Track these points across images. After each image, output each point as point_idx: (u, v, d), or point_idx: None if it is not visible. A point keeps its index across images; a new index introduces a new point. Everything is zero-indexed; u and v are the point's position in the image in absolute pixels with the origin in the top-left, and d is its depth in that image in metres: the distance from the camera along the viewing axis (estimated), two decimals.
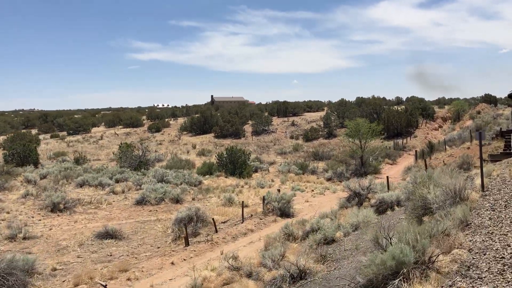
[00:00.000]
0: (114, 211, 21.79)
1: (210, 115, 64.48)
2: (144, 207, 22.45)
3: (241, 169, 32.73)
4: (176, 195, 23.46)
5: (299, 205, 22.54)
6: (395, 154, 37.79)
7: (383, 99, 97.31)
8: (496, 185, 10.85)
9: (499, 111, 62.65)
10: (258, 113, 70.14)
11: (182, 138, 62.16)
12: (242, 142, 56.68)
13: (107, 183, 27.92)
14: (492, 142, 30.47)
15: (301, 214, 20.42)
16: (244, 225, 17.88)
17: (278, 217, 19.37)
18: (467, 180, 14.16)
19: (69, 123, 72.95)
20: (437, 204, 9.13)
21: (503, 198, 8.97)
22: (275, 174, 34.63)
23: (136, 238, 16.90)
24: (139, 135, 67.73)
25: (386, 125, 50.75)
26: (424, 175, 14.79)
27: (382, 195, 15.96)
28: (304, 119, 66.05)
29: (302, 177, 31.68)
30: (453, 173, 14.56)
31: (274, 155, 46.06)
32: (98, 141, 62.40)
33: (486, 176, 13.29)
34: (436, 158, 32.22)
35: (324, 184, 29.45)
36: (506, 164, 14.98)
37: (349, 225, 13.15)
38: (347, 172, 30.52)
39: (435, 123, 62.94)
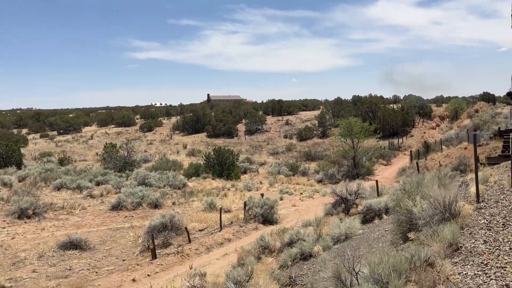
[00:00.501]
0: (87, 217, 20.41)
1: (203, 114, 63.09)
2: (120, 213, 21.08)
3: (229, 170, 31.39)
4: (154, 200, 22.08)
5: (285, 210, 21.21)
6: (390, 155, 36.46)
7: (380, 97, 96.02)
8: (493, 194, 9.51)
9: (497, 110, 61.40)
10: (252, 112, 68.76)
11: (174, 137, 60.78)
12: (235, 141, 55.34)
13: (86, 186, 26.56)
14: (490, 142, 29.14)
15: (286, 221, 19.10)
16: (221, 234, 16.53)
17: (260, 224, 18.04)
18: (461, 187, 12.84)
19: (59, 123, 71.46)
20: (423, 219, 7.79)
21: (501, 213, 7.63)
22: (264, 175, 33.29)
23: (102, 249, 15.54)
24: (131, 134, 66.32)
25: (381, 124, 49.45)
26: (413, 182, 13.49)
27: (370, 202, 14.61)
28: (299, 118, 64.68)
29: (292, 179, 30.35)
30: (446, 179, 13.24)
31: (266, 155, 44.72)
32: (87, 141, 60.99)
33: (483, 183, 11.96)
34: (432, 159, 30.90)
35: (314, 187, 28.11)
36: (504, 168, 13.64)
37: (330, 238, 11.81)
38: (339, 173, 29.17)
39: (433, 122, 61.63)
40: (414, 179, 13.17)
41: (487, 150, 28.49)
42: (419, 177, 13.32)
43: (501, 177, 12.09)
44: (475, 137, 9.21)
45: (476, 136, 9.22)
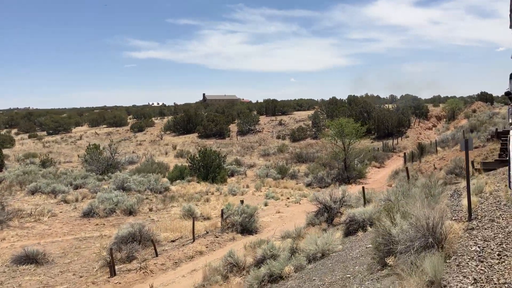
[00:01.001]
0: (55, 225, 19.03)
1: (195, 114, 61.67)
2: (91, 220, 19.70)
3: (215, 173, 30.01)
4: (129, 206, 20.69)
5: (268, 217, 19.87)
6: (383, 156, 35.14)
7: (377, 97, 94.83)
8: (488, 210, 8.18)
9: (495, 110, 60.11)
10: (246, 112, 67.40)
11: (164, 138, 59.37)
12: (226, 142, 53.98)
13: (61, 190, 25.18)
14: (487, 144, 27.91)
15: (267, 230, 17.76)
16: (193, 246, 15.17)
17: (238, 234, 16.68)
18: (453, 196, 11.50)
19: (48, 123, 69.94)
20: (402, 244, 6.46)
21: (496, 237, 6.30)
22: (252, 178, 31.94)
23: (61, 263, 14.16)
24: (121, 135, 64.89)
25: (376, 124, 48.17)
26: (398, 193, 12.15)
27: (353, 211, 13.27)
28: (293, 118, 63.33)
29: (280, 182, 29.00)
30: (436, 188, 11.90)
31: (257, 157, 43.37)
32: (76, 142, 59.52)
33: (477, 193, 10.62)
34: (426, 161, 29.61)
35: (302, 191, 26.79)
36: (501, 175, 12.31)
37: (305, 255, 10.48)
38: (329, 177, 27.83)
39: (429, 122, 60.35)
40: (399, 189, 11.83)
41: (484, 152, 27.22)
42: (404, 187, 11.97)
43: (498, 187, 10.76)
44: (467, 143, 7.87)
45: (468, 143, 7.88)
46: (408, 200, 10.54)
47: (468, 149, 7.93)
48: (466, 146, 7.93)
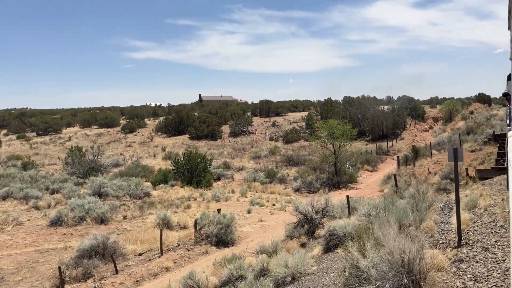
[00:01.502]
0: (18, 235, 17.63)
1: (187, 115, 60.27)
2: (58, 229, 18.31)
3: (200, 177, 28.65)
4: (101, 214, 19.31)
5: (249, 227, 18.51)
6: (377, 160, 33.81)
7: (373, 98, 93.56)
8: (482, 233, 6.84)
9: (493, 112, 58.83)
10: (239, 113, 66.06)
11: (155, 139, 57.96)
12: (218, 144, 52.61)
13: (34, 196, 23.79)
14: (484, 147, 26.59)
15: (245, 241, 16.41)
16: (160, 261, 13.80)
17: (213, 247, 15.33)
18: (443, 210, 10.16)
19: (38, 123, 68.47)
20: (373, 284, 5.13)
21: (490, 276, 4.95)
22: (239, 182, 30.58)
23: (11, 281, 12.78)
24: (111, 136, 63.46)
25: (371, 126, 46.89)
26: (379, 207, 10.81)
27: (334, 225, 11.93)
28: (287, 120, 61.99)
29: (268, 187, 27.66)
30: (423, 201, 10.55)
31: (247, 159, 41.99)
32: (65, 143, 58.06)
33: (470, 208, 9.28)
34: (420, 165, 28.28)
35: (290, 196, 25.43)
36: (498, 186, 10.97)
37: (273, 279, 9.16)
38: (318, 181, 26.49)
39: (425, 124, 59.09)
40: (384, 201, 10.47)
41: (481, 156, 25.92)
42: (386, 201, 10.62)
43: (494, 201, 9.42)
44: (456, 153, 6.55)
45: (457, 152, 6.56)
46: (391, 216, 9.21)
47: (457, 159, 6.60)
48: (455, 156, 6.60)
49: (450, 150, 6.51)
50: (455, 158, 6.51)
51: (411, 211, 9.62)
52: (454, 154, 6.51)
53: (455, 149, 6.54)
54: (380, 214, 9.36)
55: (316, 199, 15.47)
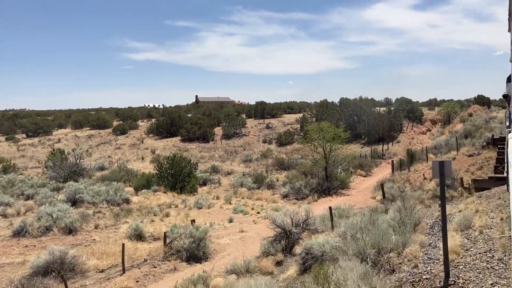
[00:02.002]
0: None
1: (179, 116, 58.87)
2: (21, 241, 16.91)
3: (184, 182, 27.26)
4: (69, 223, 17.90)
5: (227, 238, 17.11)
6: (371, 164, 32.43)
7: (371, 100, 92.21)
8: (475, 270, 5.46)
9: (492, 114, 57.51)
10: (233, 114, 64.71)
11: (146, 141, 56.58)
12: (209, 146, 51.24)
13: (5, 202, 22.39)
14: (483, 152, 25.27)
15: (220, 255, 15.03)
16: (121, 280, 12.41)
17: (183, 263, 13.94)
18: (432, 230, 8.77)
19: (28, 125, 67.06)
20: None
21: None
22: (226, 188, 29.20)
23: None
24: (102, 137, 62.07)
25: (366, 129, 45.54)
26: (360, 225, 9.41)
27: (311, 243, 10.59)
28: (282, 122, 60.62)
29: (255, 193, 26.27)
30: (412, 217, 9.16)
31: (238, 163, 40.61)
32: (54, 145, 56.65)
33: (463, 229, 7.91)
34: (415, 170, 26.93)
35: (277, 203, 24.05)
36: (496, 201, 9.57)
37: None
38: (306, 187, 25.10)
39: (423, 127, 57.74)
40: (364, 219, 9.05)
41: (479, 161, 24.58)
42: (365, 219, 9.20)
43: (491, 220, 8.03)
44: (442, 168, 5.18)
45: (443, 167, 5.19)
46: (369, 239, 7.80)
47: (443, 176, 5.23)
48: (441, 172, 5.23)
49: (434, 165, 5.14)
50: (441, 174, 5.14)
51: (394, 231, 8.25)
52: (439, 169, 5.13)
53: (440, 164, 5.17)
54: (358, 236, 7.97)
55: (297, 210, 14.11)
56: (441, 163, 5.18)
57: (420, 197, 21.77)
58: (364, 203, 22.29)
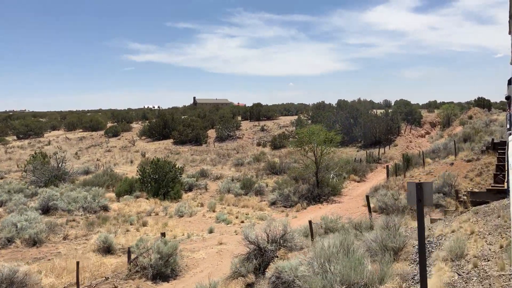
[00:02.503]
0: None
1: (172, 118, 57.54)
2: None
3: (168, 188, 25.91)
4: (33, 234, 16.55)
5: (203, 252, 15.73)
6: (365, 169, 31.04)
7: (369, 102, 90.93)
8: None
9: (493, 116, 56.20)
10: (229, 116, 63.40)
11: (138, 144, 55.24)
12: (202, 149, 49.88)
13: None
14: (482, 157, 23.90)
15: (192, 272, 13.65)
16: None
17: (148, 282, 12.56)
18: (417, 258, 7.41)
19: (18, 126, 65.78)
20: None
21: None
22: (213, 193, 27.83)
23: None
24: (94, 140, 60.75)
25: (363, 131, 44.17)
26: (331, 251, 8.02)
27: (283, 265, 9.23)
28: (277, 124, 59.27)
29: (242, 200, 24.92)
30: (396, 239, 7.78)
31: (229, 166, 39.24)
32: (43, 147, 55.34)
33: (453, 258, 6.54)
34: (411, 176, 25.50)
35: (263, 211, 22.69)
36: (495, 220, 8.18)
37: None
38: (295, 194, 23.73)
39: (422, 129, 56.34)
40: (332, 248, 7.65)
41: (478, 167, 23.20)
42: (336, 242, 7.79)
43: (489, 246, 6.65)
44: (420, 192, 3.83)
45: (421, 191, 3.83)
46: (338, 271, 6.43)
47: (422, 202, 3.87)
48: (419, 197, 3.87)
49: (410, 187, 3.79)
50: (418, 200, 3.78)
51: (372, 257, 6.88)
52: (417, 194, 3.76)
53: (418, 186, 3.81)
54: (326, 266, 6.59)
55: (275, 224, 12.73)
56: (419, 185, 3.86)
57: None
58: (355, 212, 20.92)
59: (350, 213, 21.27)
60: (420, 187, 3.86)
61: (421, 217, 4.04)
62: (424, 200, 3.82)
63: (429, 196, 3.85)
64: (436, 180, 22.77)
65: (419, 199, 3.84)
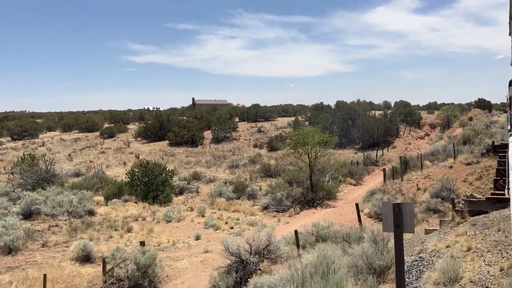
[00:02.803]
0: None
1: (167, 119, 56.76)
2: None
3: (157, 191, 25.10)
4: (9, 242, 15.74)
5: (187, 261, 14.92)
6: (362, 171, 30.20)
7: (369, 103, 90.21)
8: None
9: (493, 118, 55.31)
10: (226, 117, 62.61)
11: (133, 145, 54.46)
12: (198, 151, 49.09)
13: None
14: (482, 160, 23.05)
15: (173, 284, 12.85)
16: None
17: None
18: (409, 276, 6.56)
19: (13, 127, 65.03)
20: None
21: None
22: (204, 197, 27.01)
23: None
24: (89, 141, 59.98)
25: (361, 133, 43.36)
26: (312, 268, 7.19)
27: (262, 281, 8.43)
28: (274, 125, 58.45)
29: (233, 204, 24.08)
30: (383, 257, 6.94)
31: (224, 169, 38.43)
32: (37, 148, 54.60)
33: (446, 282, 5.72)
34: (409, 180, 24.72)
35: (255, 216, 21.85)
36: (495, 234, 7.34)
37: None
38: (288, 198, 22.90)
39: (421, 131, 55.51)
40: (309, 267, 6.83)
41: (478, 170, 22.37)
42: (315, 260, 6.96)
43: (487, 266, 5.85)
44: (399, 214, 3.01)
45: (400, 213, 3.02)
46: None
47: (401, 230, 3.05)
48: (396, 222, 3.05)
49: (385, 209, 2.97)
50: (396, 225, 2.96)
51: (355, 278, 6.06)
52: (394, 218, 2.94)
53: (395, 207, 2.99)
54: None
55: (260, 233, 11.91)
56: (397, 206, 3.04)
57: None
58: (349, 218, 20.10)
59: (344, 219, 20.46)
60: (399, 209, 3.05)
61: (399, 246, 3.20)
62: (403, 225, 3.01)
63: (409, 220, 3.04)
64: (435, 183, 21.99)
65: (397, 224, 3.04)
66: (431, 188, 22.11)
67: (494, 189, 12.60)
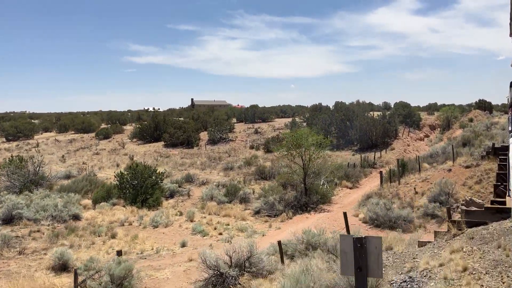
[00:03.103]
0: None
1: (163, 120, 55.98)
2: None
3: (146, 195, 24.30)
4: None
5: (169, 270, 14.09)
6: (359, 174, 29.37)
7: (368, 104, 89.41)
8: None
9: (494, 119, 54.47)
10: (223, 118, 61.83)
11: (128, 146, 53.68)
12: (193, 152, 48.29)
13: None
14: (482, 163, 22.24)
15: None
16: None
17: None
18: None
19: (8, 128, 64.31)
20: None
21: None
22: (196, 201, 26.21)
23: None
24: (84, 142, 59.22)
25: (358, 134, 42.54)
26: None
27: None
28: (272, 126, 57.65)
29: (224, 208, 23.27)
30: None
31: (218, 171, 37.63)
32: (31, 149, 53.86)
33: None
34: (406, 183, 23.91)
35: (246, 221, 21.03)
36: (495, 252, 6.55)
37: None
38: (281, 202, 22.08)
39: (421, 132, 54.67)
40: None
41: (477, 173, 21.56)
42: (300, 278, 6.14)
43: None
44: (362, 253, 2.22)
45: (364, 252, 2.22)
46: None
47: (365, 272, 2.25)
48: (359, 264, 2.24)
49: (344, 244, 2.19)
50: (358, 269, 2.16)
51: None
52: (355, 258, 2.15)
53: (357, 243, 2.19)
54: None
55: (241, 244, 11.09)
56: (358, 242, 2.24)
57: (409, 216, 18.84)
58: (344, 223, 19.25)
59: (337, 224, 19.65)
60: (361, 245, 2.24)
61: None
62: (368, 268, 2.21)
63: (376, 260, 2.22)
64: (433, 187, 21.19)
65: (358, 267, 2.23)
66: (429, 192, 21.32)
67: (494, 195, 11.78)
